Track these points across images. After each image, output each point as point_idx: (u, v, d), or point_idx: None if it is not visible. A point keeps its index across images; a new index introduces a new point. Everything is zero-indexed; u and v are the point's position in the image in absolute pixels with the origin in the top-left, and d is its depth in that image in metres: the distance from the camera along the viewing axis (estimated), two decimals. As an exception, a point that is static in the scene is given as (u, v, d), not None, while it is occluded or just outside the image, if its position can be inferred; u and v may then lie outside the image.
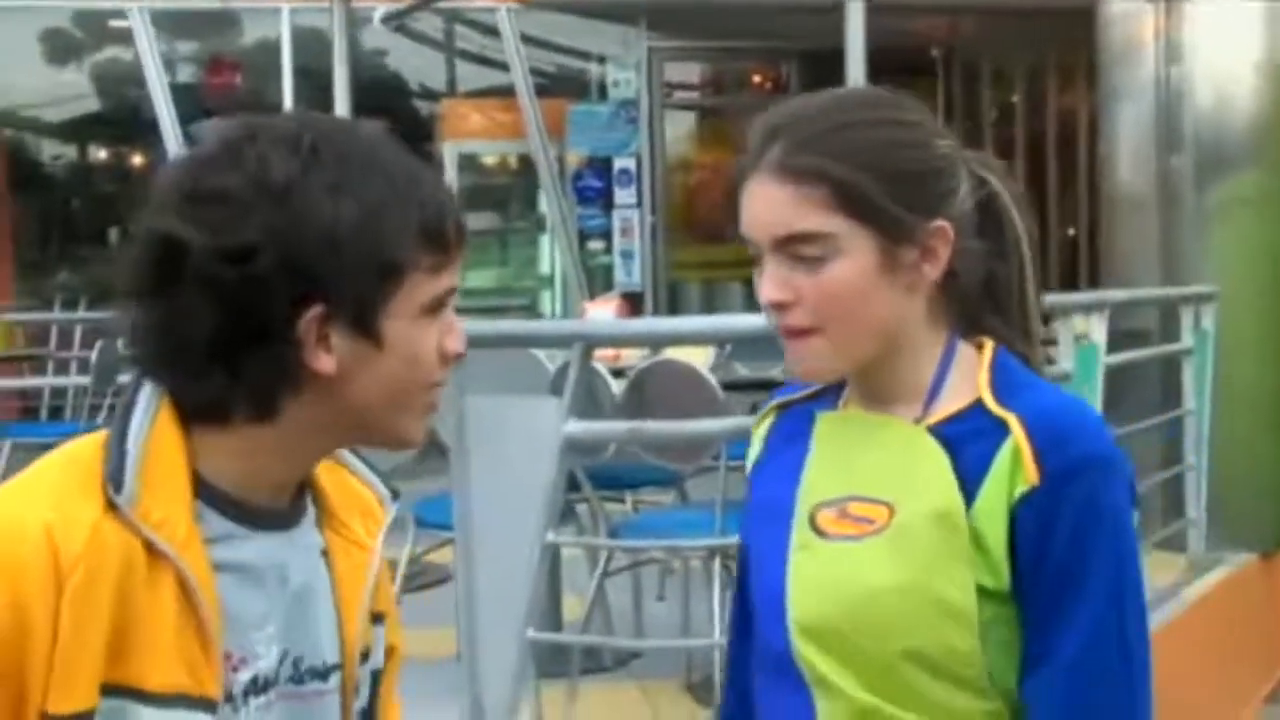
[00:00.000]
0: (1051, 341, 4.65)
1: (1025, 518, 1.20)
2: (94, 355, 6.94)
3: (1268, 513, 5.95)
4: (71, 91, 12.16)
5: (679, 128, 10.17)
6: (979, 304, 1.31)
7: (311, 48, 8.95)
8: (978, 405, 1.25)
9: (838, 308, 1.23)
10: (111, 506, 1.08)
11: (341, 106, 5.80)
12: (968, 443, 1.23)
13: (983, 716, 1.23)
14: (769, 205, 1.23)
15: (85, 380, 7.09)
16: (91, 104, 12.33)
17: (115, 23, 10.02)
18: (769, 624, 1.28)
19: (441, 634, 3.85)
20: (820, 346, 1.24)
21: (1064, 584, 1.20)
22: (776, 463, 1.34)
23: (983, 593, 1.20)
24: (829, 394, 1.34)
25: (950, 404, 1.27)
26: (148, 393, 1.13)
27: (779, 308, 1.24)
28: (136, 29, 8.51)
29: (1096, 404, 4.63)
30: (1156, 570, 5.51)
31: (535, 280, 10.00)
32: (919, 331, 1.28)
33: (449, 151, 9.63)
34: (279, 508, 1.17)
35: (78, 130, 12.58)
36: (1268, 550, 5.94)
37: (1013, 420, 1.22)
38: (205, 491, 1.13)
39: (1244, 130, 5.93)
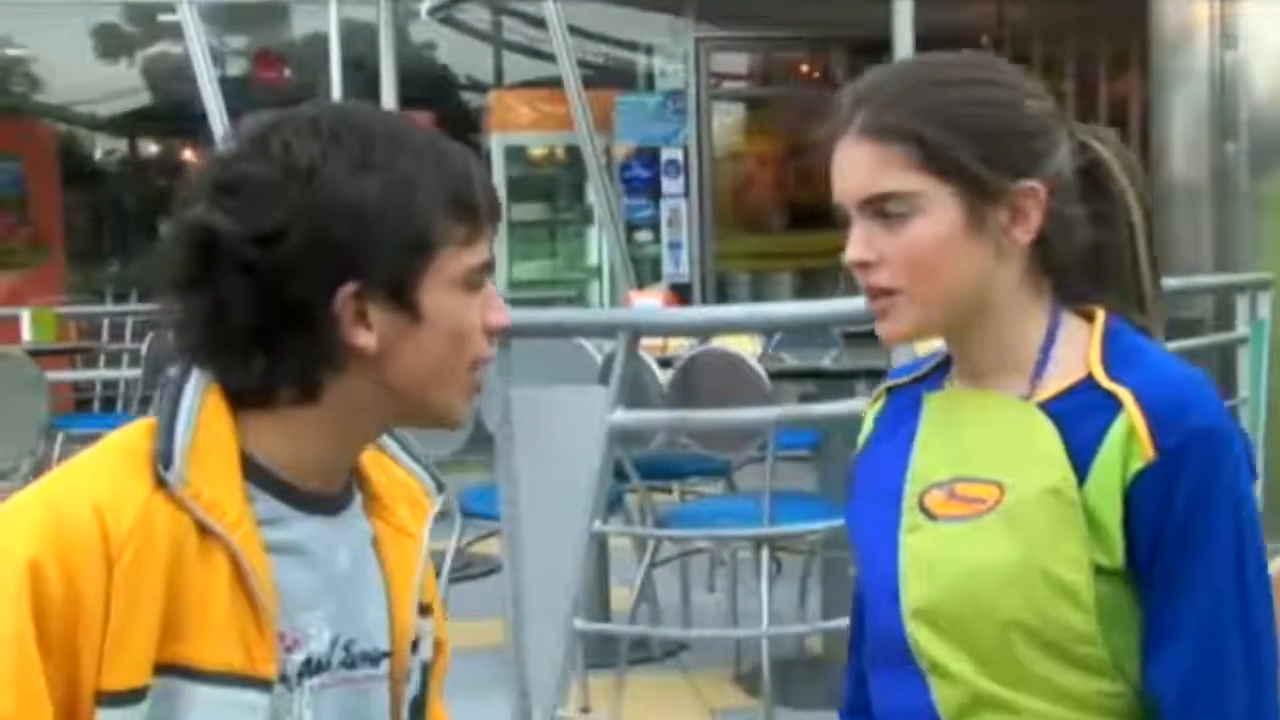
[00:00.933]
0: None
1: (1142, 494, 1.17)
2: (145, 348, 7.00)
3: (1325, 504, 5.86)
4: (122, 86, 12.30)
5: (726, 118, 10.14)
6: (1083, 273, 1.28)
7: (359, 40, 8.99)
8: (1088, 380, 1.22)
9: (919, 266, 1.22)
10: (161, 485, 1.08)
11: (389, 98, 5.82)
12: (1079, 419, 1.20)
13: (1102, 698, 1.20)
14: (853, 166, 1.24)
15: (137, 373, 7.14)
16: (142, 99, 12.46)
17: (165, 17, 10.10)
18: (884, 610, 1.26)
19: (489, 625, 3.86)
20: (902, 306, 1.23)
21: (1182, 560, 1.17)
22: (885, 445, 1.33)
23: (1099, 571, 1.18)
24: (936, 376, 1.34)
25: (1060, 379, 1.24)
26: (195, 378, 1.14)
27: (863, 267, 1.24)
28: (185, 23, 8.56)
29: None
30: (1211, 562, 5.44)
31: (583, 271, 10.01)
32: (1015, 300, 1.25)
33: (496, 143, 9.64)
34: (329, 492, 1.18)
35: (128, 125, 12.72)
36: (1325, 542, 5.86)
37: (1125, 395, 1.19)
38: (255, 474, 1.13)
39: (1300, 116, 5.84)
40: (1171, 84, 6.13)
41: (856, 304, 1.32)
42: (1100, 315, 1.26)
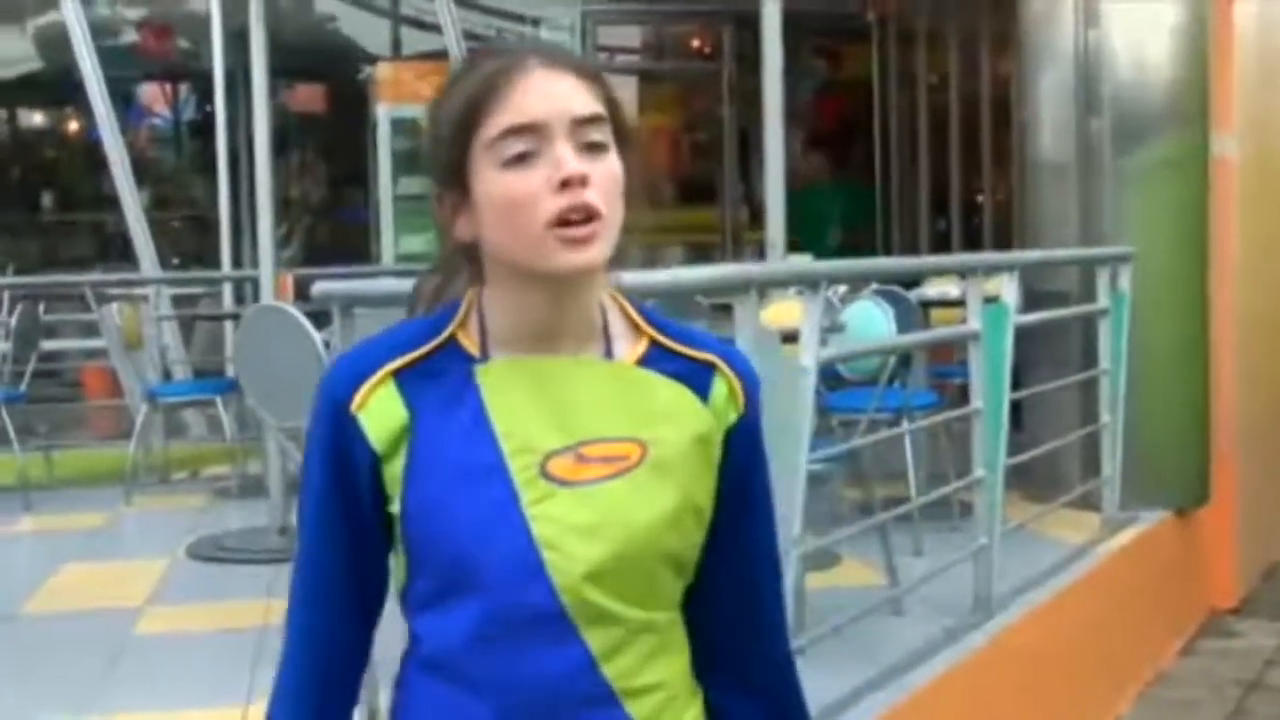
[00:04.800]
0: (959, 302, 4.68)
1: (736, 442, 1.33)
2: (14, 320, 6.88)
3: (1183, 471, 6.03)
4: (9, 55, 12.01)
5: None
6: None
7: (243, 10, 8.85)
8: (657, 348, 1.32)
9: (614, 196, 1.25)
10: None
11: (259, 69, 5.75)
12: (685, 379, 1.31)
13: (679, 595, 1.33)
14: (566, 89, 1.25)
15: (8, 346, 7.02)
16: (27, 68, 12.17)
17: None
18: (519, 584, 1.24)
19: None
20: (603, 235, 1.24)
21: (758, 490, 1.37)
22: (444, 424, 1.27)
23: None
24: (449, 351, 1.30)
25: (629, 346, 1.31)
26: None
27: (582, 184, 1.22)
28: (61, -9, 8.40)
29: (1008, 363, 4.67)
30: (1072, 528, 5.57)
31: (472, 244, 9.95)
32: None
33: (384, 115, 9.57)
34: None
35: (11, 95, 12.43)
36: (1182, 508, 6.02)
37: (715, 360, 1.33)
38: None
39: (1161, 94, 5.97)
40: (1038, 62, 6.24)
41: (727, 270, 1.40)
42: (615, 293, 1.33)
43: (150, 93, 12.30)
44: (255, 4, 5.75)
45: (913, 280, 6.12)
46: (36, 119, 12.94)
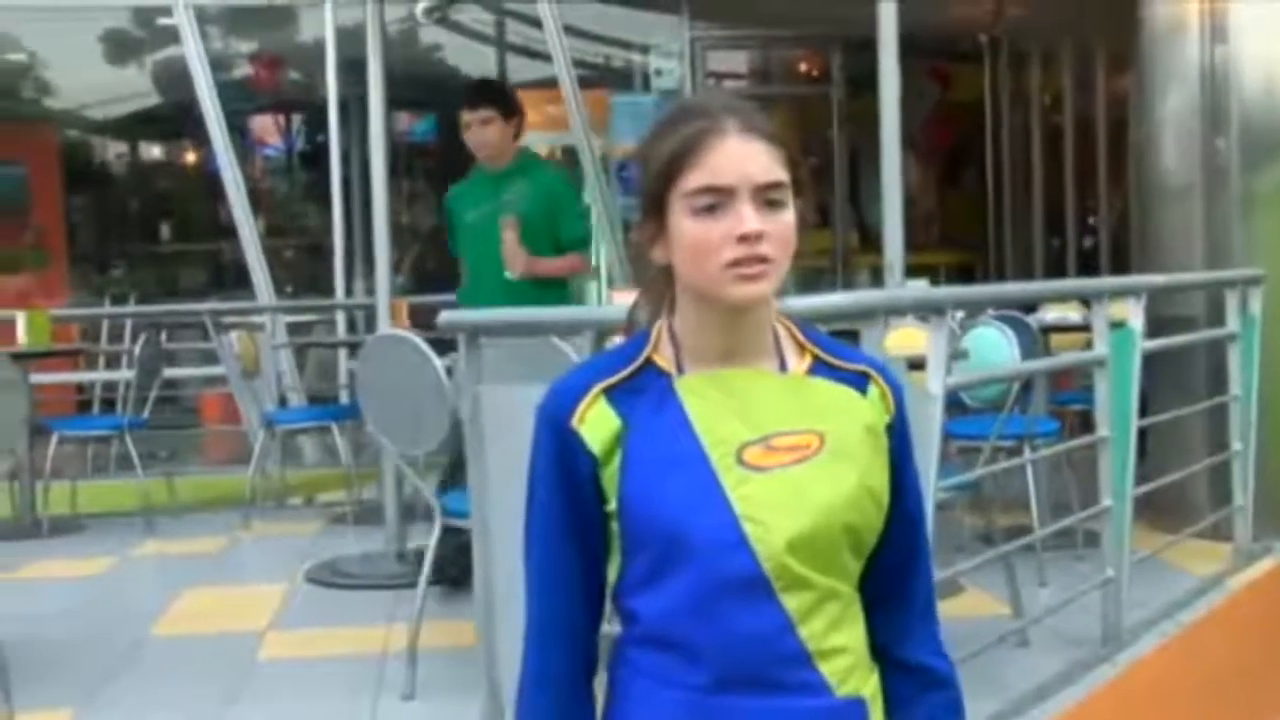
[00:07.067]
0: (1079, 327, 4.57)
1: (892, 436, 1.57)
2: (137, 349, 7.01)
3: (1318, 500, 5.82)
4: (128, 90, 12.33)
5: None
6: None
7: (357, 43, 9.00)
8: (819, 362, 1.56)
9: (787, 246, 1.49)
10: None
11: (375, 100, 5.81)
12: (843, 384, 1.55)
13: (856, 572, 1.54)
14: (754, 156, 1.48)
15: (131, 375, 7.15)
16: (146, 103, 12.48)
17: (163, 20, 10.12)
18: (725, 555, 1.45)
19: (470, 625, 3.87)
20: (772, 274, 1.48)
21: (910, 484, 1.59)
22: (653, 427, 1.50)
23: None
24: (648, 370, 1.54)
25: (795, 361, 1.55)
26: None
27: (758, 238, 1.47)
28: (181, 26, 8.59)
29: (1135, 388, 4.55)
30: (1202, 558, 5.42)
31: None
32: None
33: (493, 143, 9.63)
34: None
35: (132, 129, 12.74)
36: (1318, 538, 5.81)
37: (868, 370, 1.57)
38: None
39: (1292, 111, 5.81)
40: (1161, 80, 6.10)
41: (856, 297, 1.54)
42: (774, 305, 1.56)
43: (264, 124, 12.53)
44: (372, 36, 5.82)
45: (1030, 305, 6.01)
46: (155, 152, 13.24)
